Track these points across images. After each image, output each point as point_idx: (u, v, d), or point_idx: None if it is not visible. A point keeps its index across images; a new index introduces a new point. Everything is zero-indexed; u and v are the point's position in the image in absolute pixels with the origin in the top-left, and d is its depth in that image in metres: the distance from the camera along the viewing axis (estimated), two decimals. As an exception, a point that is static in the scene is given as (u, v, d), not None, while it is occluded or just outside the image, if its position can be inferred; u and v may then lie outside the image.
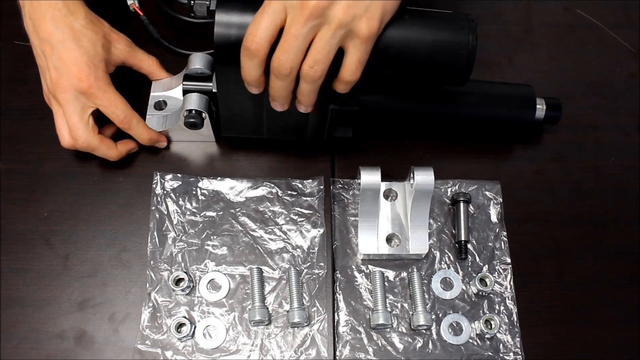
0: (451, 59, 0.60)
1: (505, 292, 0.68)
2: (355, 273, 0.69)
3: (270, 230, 0.70)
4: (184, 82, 0.68)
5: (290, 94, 0.59)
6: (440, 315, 0.67)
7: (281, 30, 0.55)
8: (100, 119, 0.69)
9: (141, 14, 0.79)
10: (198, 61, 0.70)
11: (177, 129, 0.71)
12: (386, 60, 0.60)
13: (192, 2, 0.67)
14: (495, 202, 0.73)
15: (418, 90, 0.71)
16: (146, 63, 0.72)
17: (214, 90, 0.67)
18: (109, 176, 0.72)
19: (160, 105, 0.73)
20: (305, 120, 0.67)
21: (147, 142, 0.71)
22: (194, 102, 0.67)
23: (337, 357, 0.64)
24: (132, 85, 0.74)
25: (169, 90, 0.73)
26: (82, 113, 0.66)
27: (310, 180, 0.72)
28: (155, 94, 0.73)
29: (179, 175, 0.72)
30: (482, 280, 0.68)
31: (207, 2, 0.66)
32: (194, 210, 0.70)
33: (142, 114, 0.73)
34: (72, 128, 0.66)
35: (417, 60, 0.60)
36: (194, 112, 0.68)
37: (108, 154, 0.69)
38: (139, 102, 0.73)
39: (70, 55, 0.64)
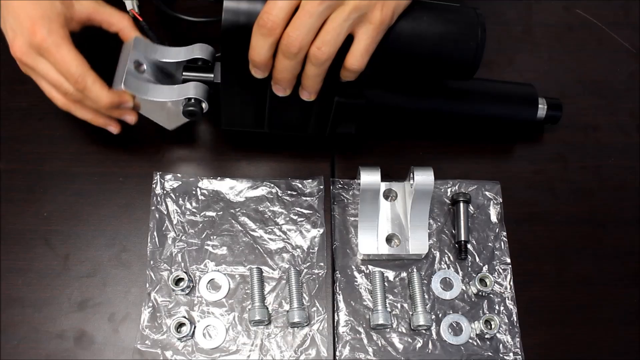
0: (459, 51, 0.60)
1: (505, 292, 0.68)
2: (355, 273, 0.68)
3: (270, 230, 0.70)
4: (184, 73, 0.67)
5: (294, 77, 0.58)
6: (440, 315, 0.67)
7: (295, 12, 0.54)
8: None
9: (140, 19, 0.78)
10: (198, 51, 0.69)
11: (155, 104, 0.66)
12: (394, 52, 0.60)
13: None
14: (495, 202, 0.73)
15: (422, 87, 0.71)
16: (116, 19, 0.67)
17: (216, 80, 0.66)
18: (109, 176, 0.72)
19: (139, 65, 0.66)
20: (308, 113, 0.67)
21: (108, 105, 0.63)
22: (193, 90, 0.65)
23: (337, 357, 0.64)
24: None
25: (154, 54, 0.68)
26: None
27: (310, 180, 0.72)
28: (133, 53, 0.66)
29: (179, 175, 0.72)
30: (482, 281, 0.68)
31: None
32: (194, 210, 0.70)
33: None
34: (53, 79, 0.62)
35: (426, 52, 0.60)
36: (193, 100, 0.66)
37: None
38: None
39: (24, 11, 0.61)
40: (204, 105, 0.66)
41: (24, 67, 0.63)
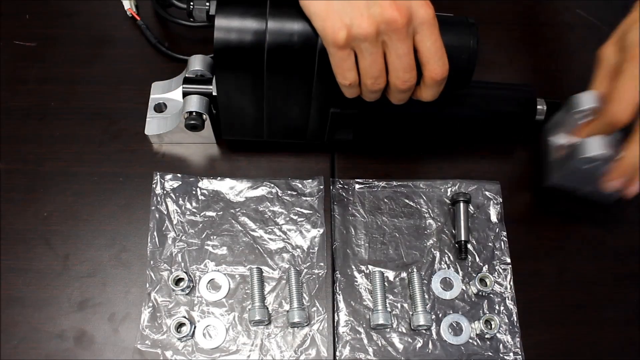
0: (452, 63, 0.60)
1: (505, 292, 0.68)
2: (355, 273, 0.68)
3: (270, 230, 0.70)
4: (184, 85, 0.67)
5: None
6: (440, 315, 0.67)
7: None
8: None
9: (138, 18, 0.78)
10: (198, 63, 0.70)
11: (178, 130, 0.70)
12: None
13: (191, 7, 0.67)
14: (495, 202, 0.73)
15: None
16: None
17: (214, 93, 0.67)
18: (109, 176, 0.72)
19: (161, 107, 0.73)
20: (305, 122, 0.67)
21: None
22: (194, 103, 0.67)
23: (337, 357, 0.64)
24: (131, 85, 0.74)
25: (169, 92, 0.73)
26: None
27: (310, 180, 0.72)
28: (155, 96, 0.73)
29: (179, 175, 0.72)
30: (482, 281, 0.68)
31: (207, 7, 0.66)
32: (194, 210, 0.70)
33: (142, 114, 0.73)
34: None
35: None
36: (194, 113, 0.67)
37: None
38: (138, 102, 0.73)
39: None
40: (205, 117, 0.67)
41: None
